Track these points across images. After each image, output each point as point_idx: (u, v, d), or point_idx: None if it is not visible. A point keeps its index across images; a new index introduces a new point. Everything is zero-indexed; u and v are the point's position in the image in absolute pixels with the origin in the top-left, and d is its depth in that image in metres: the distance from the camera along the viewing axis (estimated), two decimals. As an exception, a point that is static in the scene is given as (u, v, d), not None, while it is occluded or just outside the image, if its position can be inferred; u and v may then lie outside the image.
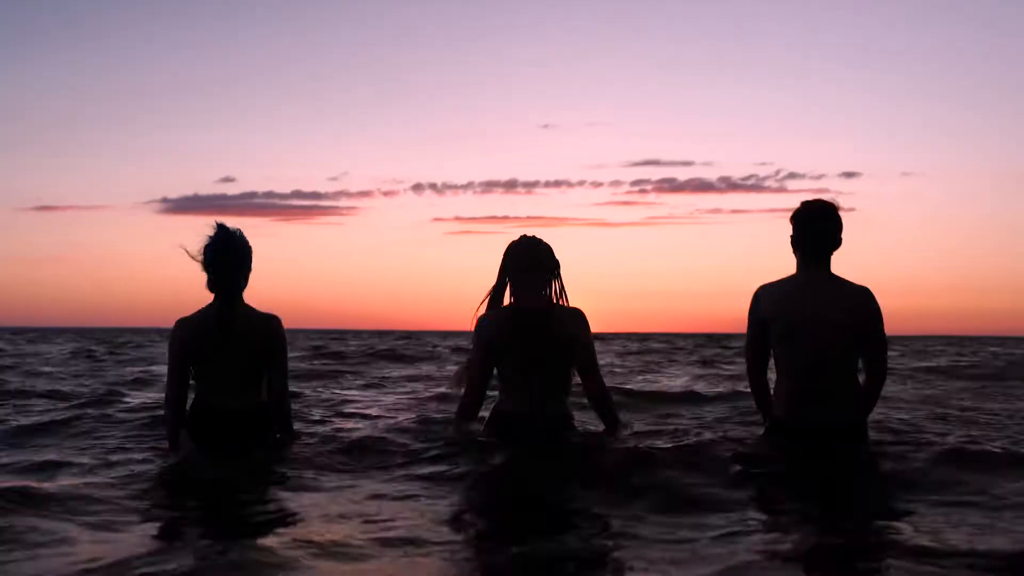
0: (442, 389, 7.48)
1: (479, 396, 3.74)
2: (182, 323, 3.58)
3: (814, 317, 3.50)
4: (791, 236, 3.67)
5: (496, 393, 3.80)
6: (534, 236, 3.74)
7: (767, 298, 3.64)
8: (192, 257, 3.53)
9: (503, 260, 3.72)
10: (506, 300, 3.74)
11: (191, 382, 3.61)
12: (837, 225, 3.60)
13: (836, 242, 3.60)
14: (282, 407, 3.66)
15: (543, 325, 3.60)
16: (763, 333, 3.65)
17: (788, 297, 3.58)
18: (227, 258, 3.51)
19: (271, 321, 3.62)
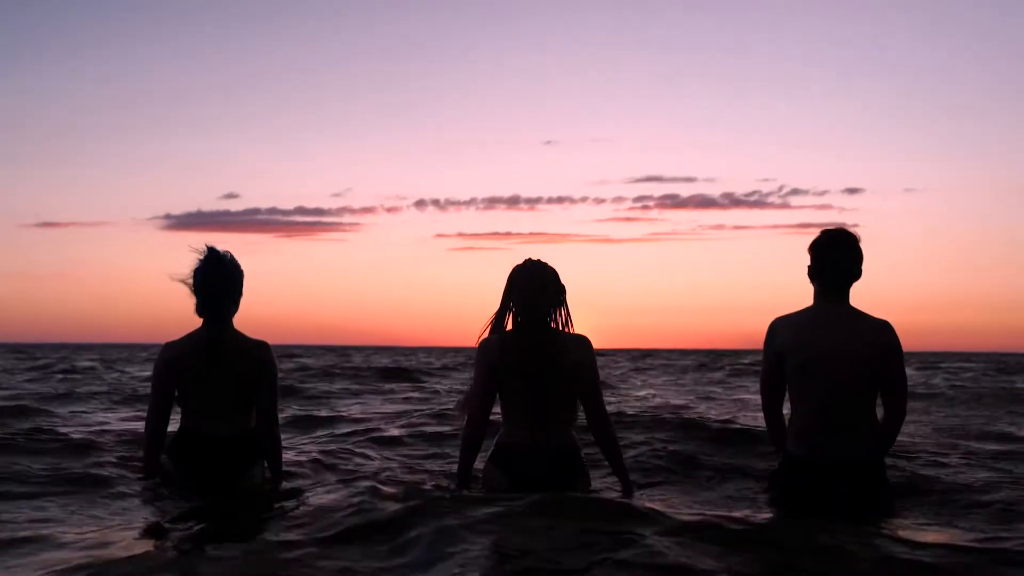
0: (440, 411, 7.36)
1: (482, 425, 3.64)
2: (170, 347, 3.54)
3: (831, 351, 3.42)
4: (808, 266, 3.59)
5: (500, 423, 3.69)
6: (539, 260, 3.66)
7: (783, 330, 3.55)
8: (181, 281, 3.49)
9: (507, 284, 3.64)
10: (510, 325, 3.64)
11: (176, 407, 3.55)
12: (857, 256, 3.52)
13: (856, 274, 3.52)
14: (271, 435, 3.59)
15: (547, 350, 3.53)
16: (779, 366, 3.56)
17: (805, 330, 3.49)
18: (217, 282, 3.46)
19: (260, 347, 3.57)
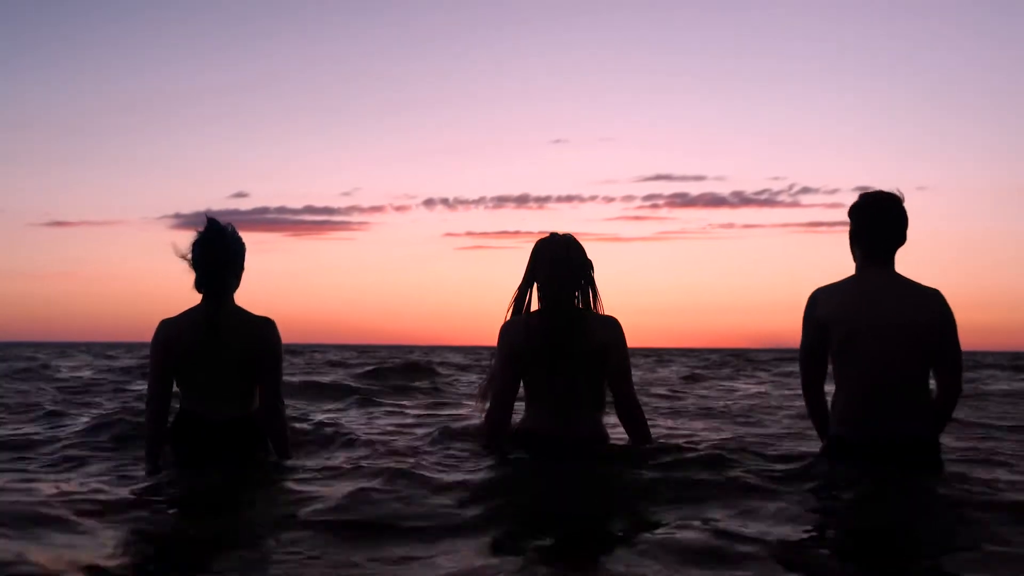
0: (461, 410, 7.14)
1: (507, 410, 3.41)
2: (166, 324, 3.32)
3: (880, 322, 3.16)
4: (850, 231, 3.35)
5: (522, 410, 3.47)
6: (566, 234, 3.41)
7: (826, 301, 3.29)
8: (181, 256, 3.30)
9: (530, 260, 3.40)
10: (534, 305, 3.42)
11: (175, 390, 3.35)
12: (903, 218, 3.27)
13: (902, 238, 3.28)
14: (276, 418, 3.37)
15: (574, 331, 3.28)
16: (821, 340, 3.30)
17: (850, 299, 3.23)
18: (217, 255, 3.26)
19: (265, 324, 3.36)
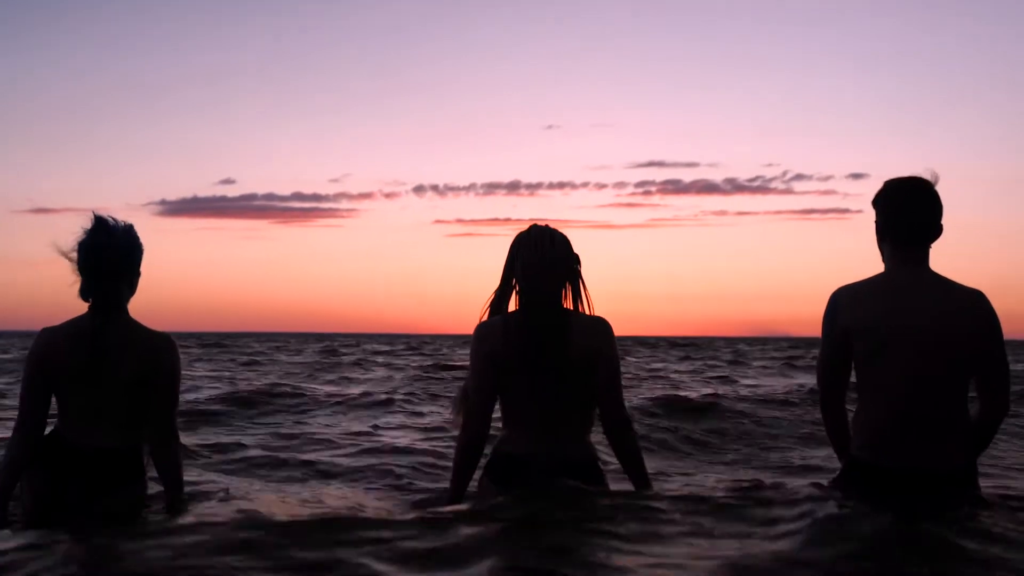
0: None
1: (482, 426, 3.01)
2: (46, 333, 2.91)
3: (911, 327, 2.75)
4: (876, 223, 2.95)
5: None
6: (546, 225, 3.04)
7: (851, 303, 2.86)
8: (63, 255, 2.90)
9: (509, 254, 3.03)
10: (513, 305, 3.04)
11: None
12: (936, 205, 2.87)
13: (937, 229, 2.88)
14: (166, 448, 2.97)
15: (558, 335, 2.90)
16: (844, 347, 2.88)
17: (878, 303, 2.81)
18: (104, 259, 2.86)
19: (163, 341, 2.96)
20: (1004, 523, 2.76)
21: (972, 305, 2.78)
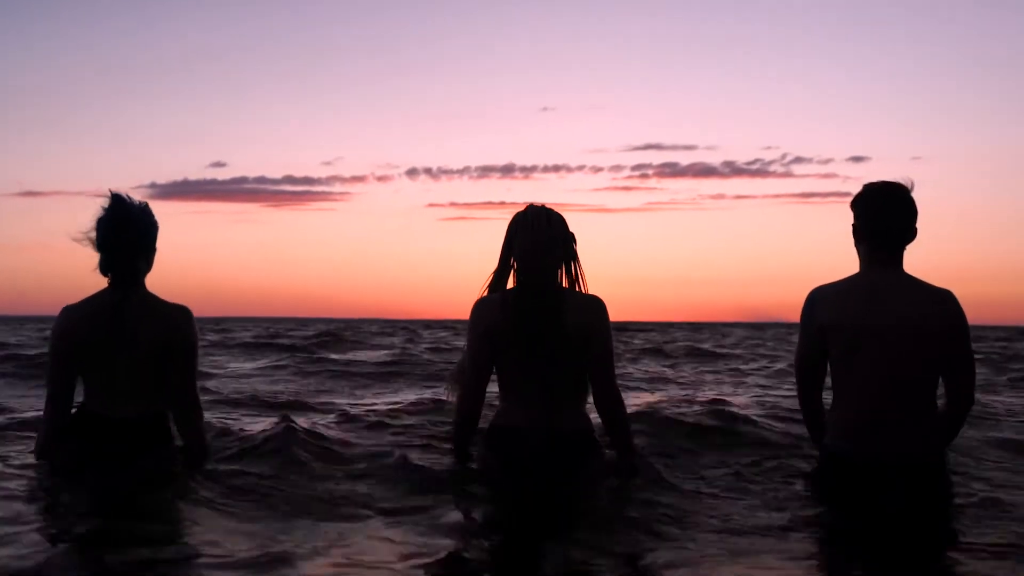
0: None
1: (479, 397, 3.17)
2: (68, 311, 3.07)
3: (890, 327, 2.92)
4: (853, 226, 3.11)
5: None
6: (543, 205, 3.18)
7: (827, 301, 3.04)
8: (80, 240, 3.02)
9: (507, 234, 3.16)
10: (511, 284, 3.18)
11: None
12: (911, 211, 3.02)
13: (911, 233, 3.04)
14: (188, 417, 3.12)
15: (554, 312, 3.04)
16: (820, 346, 3.06)
17: (854, 301, 2.99)
18: (123, 236, 3.00)
19: (180, 313, 3.10)
20: (971, 509, 2.95)
21: (942, 305, 2.95)
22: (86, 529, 2.42)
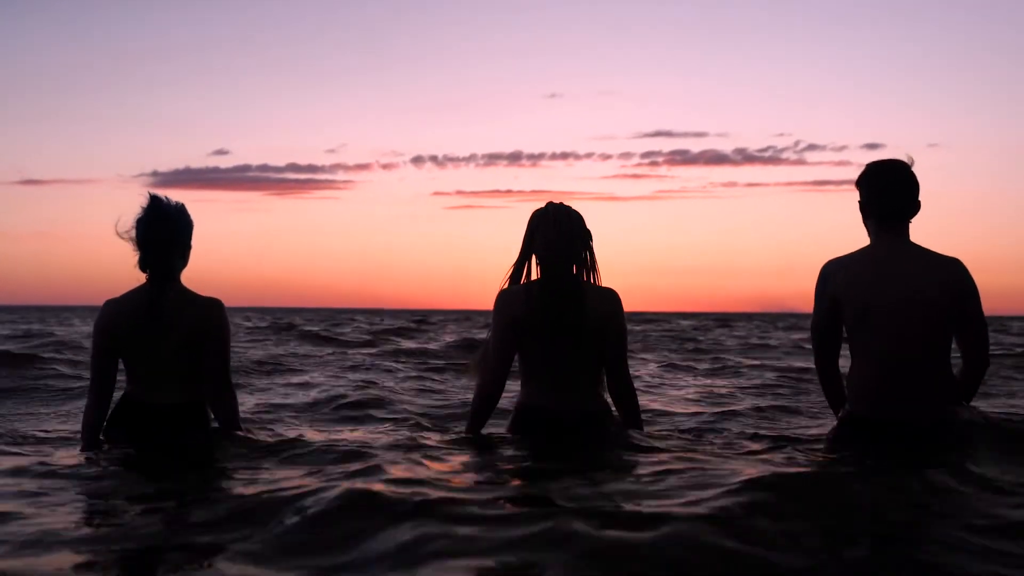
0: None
1: (500, 383, 3.42)
2: (110, 305, 3.34)
3: (899, 294, 3.12)
4: (860, 202, 3.34)
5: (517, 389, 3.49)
6: (562, 203, 3.46)
7: (839, 272, 3.24)
8: (120, 236, 3.29)
9: (528, 230, 3.44)
10: (533, 276, 3.45)
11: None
12: (914, 185, 3.26)
13: (916, 205, 3.26)
14: (223, 402, 3.38)
15: (575, 302, 3.31)
16: (834, 315, 3.26)
17: (866, 271, 3.19)
18: (160, 234, 3.26)
19: (212, 305, 3.37)
20: (987, 467, 3.10)
21: (950, 271, 3.14)
22: (133, 508, 2.57)
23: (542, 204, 3.46)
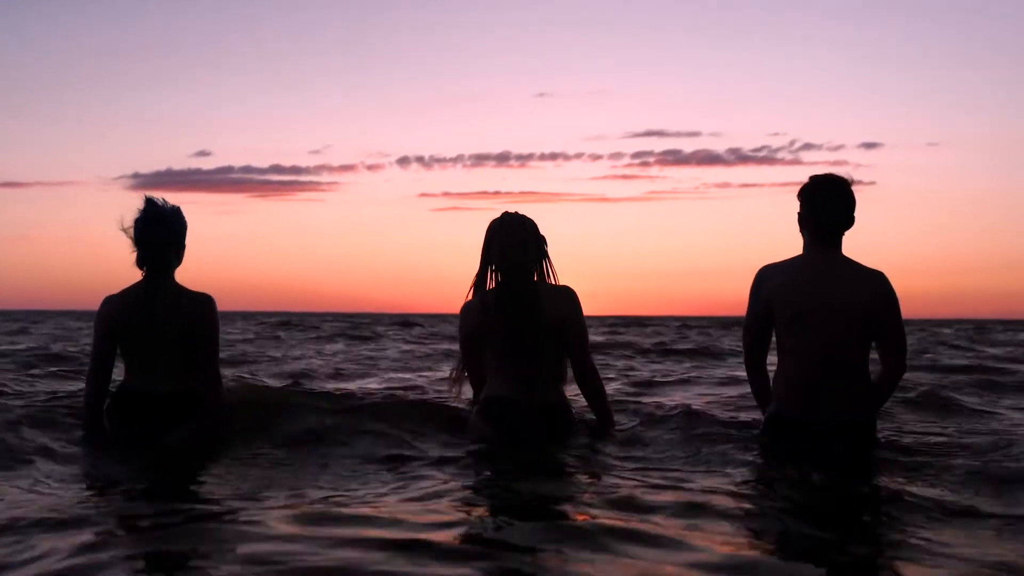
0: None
1: (482, 379, 3.83)
2: (108, 301, 3.67)
3: (824, 302, 3.45)
4: (799, 213, 3.63)
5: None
6: (516, 212, 3.76)
7: (772, 279, 3.57)
8: (122, 231, 3.61)
9: (485, 240, 3.74)
10: (491, 284, 3.74)
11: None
12: (850, 202, 3.55)
13: (849, 221, 3.55)
14: (211, 394, 3.69)
15: (530, 302, 3.61)
16: (766, 316, 3.59)
17: (796, 279, 3.51)
18: (156, 233, 3.58)
19: (202, 300, 3.69)
20: (894, 465, 3.45)
21: (875, 284, 3.47)
22: (131, 489, 2.92)
23: (498, 213, 3.73)
